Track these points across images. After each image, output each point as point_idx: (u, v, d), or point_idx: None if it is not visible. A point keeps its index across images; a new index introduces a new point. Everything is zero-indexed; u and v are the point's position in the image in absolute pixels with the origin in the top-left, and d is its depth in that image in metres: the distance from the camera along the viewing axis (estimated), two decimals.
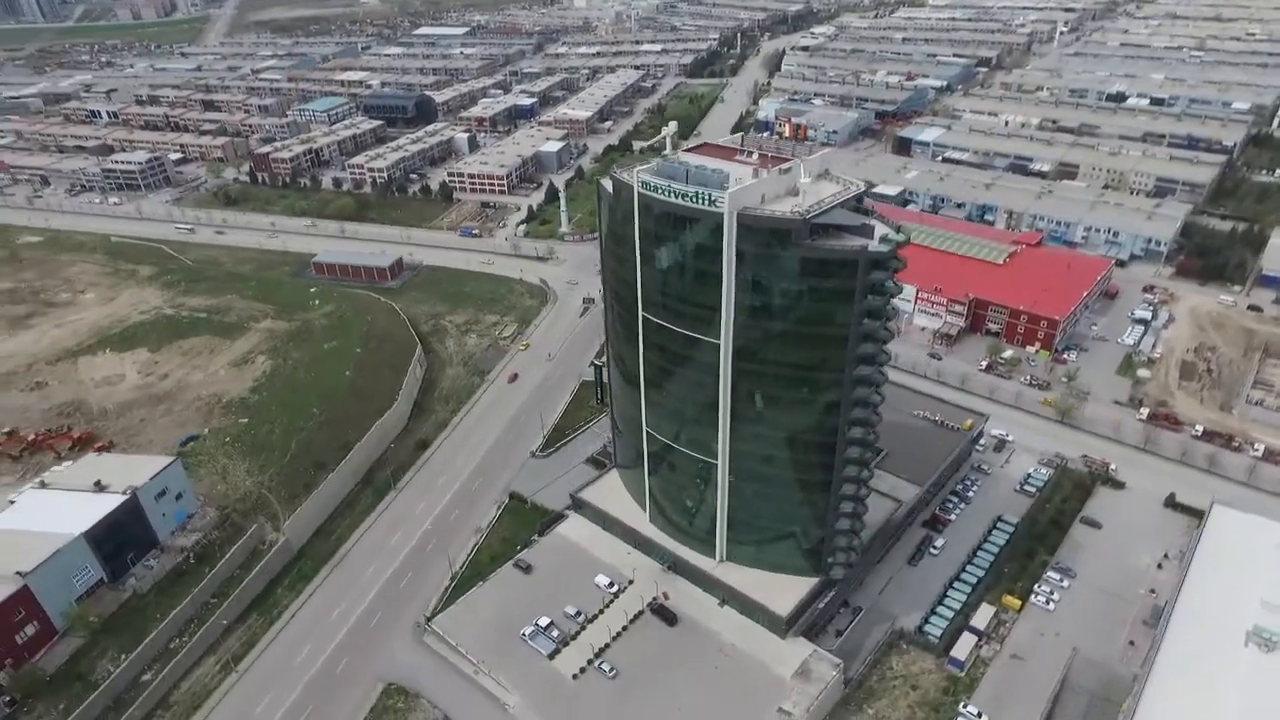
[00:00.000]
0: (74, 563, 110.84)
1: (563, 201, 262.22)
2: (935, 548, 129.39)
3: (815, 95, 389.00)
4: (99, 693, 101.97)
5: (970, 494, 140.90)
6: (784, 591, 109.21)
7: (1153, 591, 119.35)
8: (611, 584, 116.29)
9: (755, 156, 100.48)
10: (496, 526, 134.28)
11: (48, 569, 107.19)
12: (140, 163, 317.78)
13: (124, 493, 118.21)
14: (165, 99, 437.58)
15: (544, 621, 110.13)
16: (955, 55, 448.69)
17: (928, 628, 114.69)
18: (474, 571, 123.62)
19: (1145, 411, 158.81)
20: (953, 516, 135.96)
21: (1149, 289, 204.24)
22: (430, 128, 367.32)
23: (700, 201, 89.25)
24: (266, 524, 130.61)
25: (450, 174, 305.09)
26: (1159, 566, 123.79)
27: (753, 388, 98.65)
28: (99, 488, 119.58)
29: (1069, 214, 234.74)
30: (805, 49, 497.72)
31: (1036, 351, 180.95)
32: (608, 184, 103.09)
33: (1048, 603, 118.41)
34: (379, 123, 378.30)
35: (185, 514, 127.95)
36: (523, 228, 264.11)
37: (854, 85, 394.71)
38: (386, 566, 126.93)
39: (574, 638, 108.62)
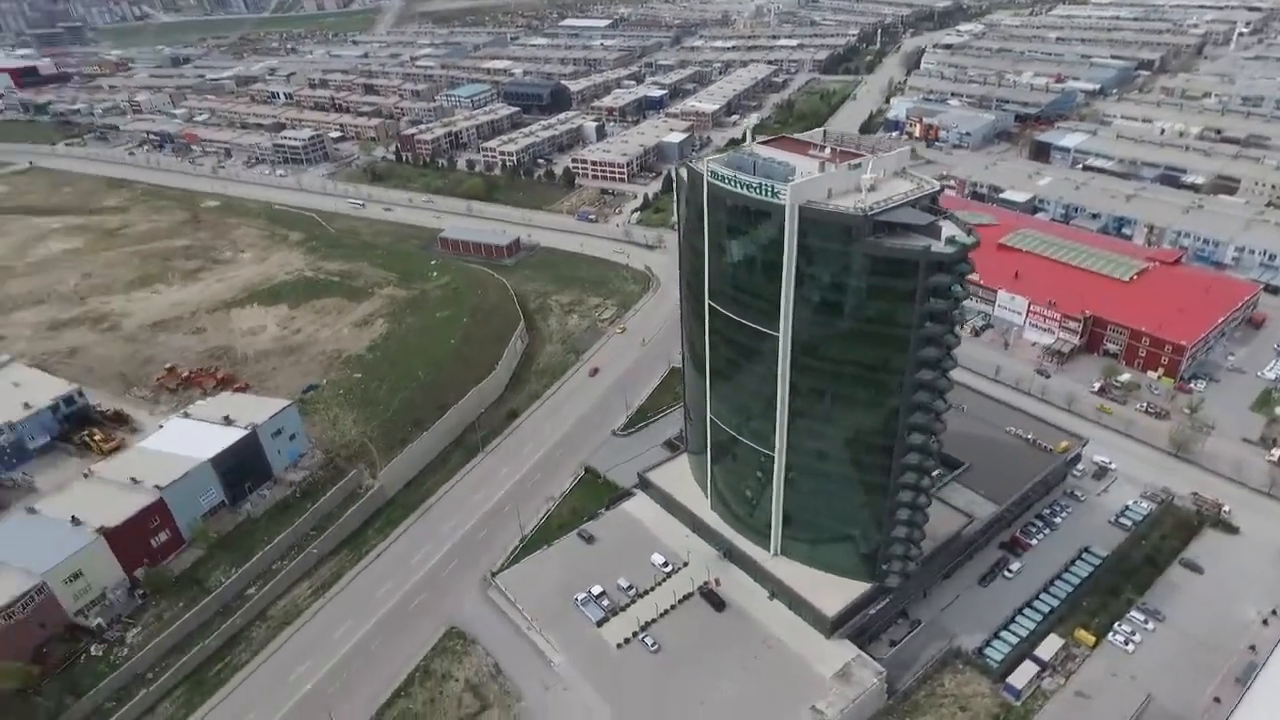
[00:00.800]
0: (201, 484, 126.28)
1: (676, 192, 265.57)
2: (1010, 571, 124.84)
3: (953, 95, 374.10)
4: (211, 598, 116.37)
5: (1058, 520, 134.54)
6: (834, 592, 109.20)
7: (1252, 648, 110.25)
8: (666, 564, 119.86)
9: (827, 151, 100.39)
10: (569, 497, 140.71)
11: (180, 486, 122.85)
12: (304, 140, 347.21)
13: (246, 428, 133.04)
14: (333, 83, 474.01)
15: (597, 590, 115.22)
16: (1113, 57, 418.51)
17: (988, 650, 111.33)
18: (542, 536, 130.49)
19: (1278, 453, 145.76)
20: (1034, 541, 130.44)
21: None
22: (562, 116, 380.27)
23: (763, 193, 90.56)
24: (365, 470, 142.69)
25: (574, 160, 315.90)
26: (1264, 622, 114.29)
27: (811, 384, 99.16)
28: (227, 422, 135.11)
29: (1219, 232, 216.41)
30: (948, 47, 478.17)
31: (1158, 378, 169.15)
32: (684, 173, 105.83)
33: (1126, 643, 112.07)
34: (515, 109, 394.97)
35: (298, 453, 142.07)
36: (636, 215, 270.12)
37: (995, 86, 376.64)
38: (465, 521, 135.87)
39: (623, 609, 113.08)
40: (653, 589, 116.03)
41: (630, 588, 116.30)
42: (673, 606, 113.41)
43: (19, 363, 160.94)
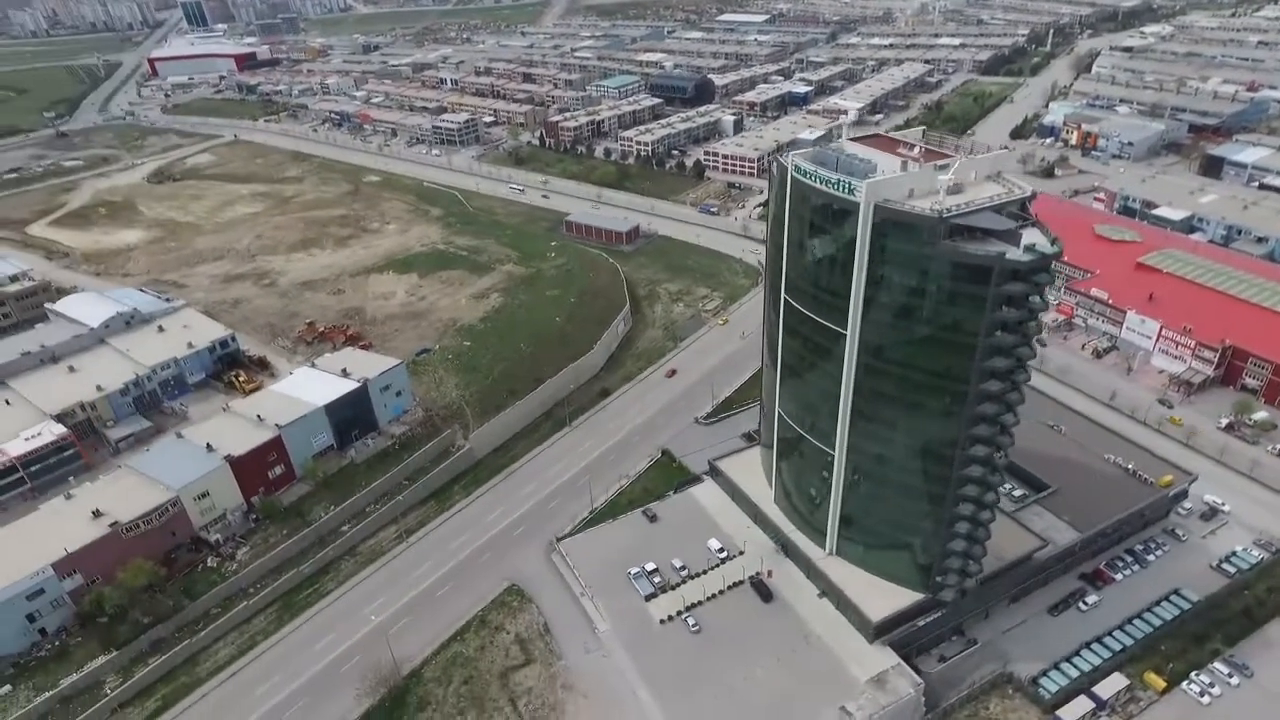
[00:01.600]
0: (315, 426, 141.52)
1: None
2: (1085, 603, 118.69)
3: (1121, 101, 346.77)
4: (310, 529, 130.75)
5: (1151, 558, 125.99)
6: (883, 598, 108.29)
7: None
8: (722, 550, 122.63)
9: (915, 151, 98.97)
10: (642, 476, 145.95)
11: (296, 427, 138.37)
12: (459, 123, 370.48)
13: (358, 381, 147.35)
14: (495, 71, 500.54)
15: (650, 567, 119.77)
16: None
17: (1043, 680, 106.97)
18: (610, 510, 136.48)
19: None
20: (1119, 576, 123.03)
21: None
22: (702, 108, 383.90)
23: (840, 189, 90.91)
24: (459, 431, 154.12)
25: (706, 153, 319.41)
26: None
27: (875, 385, 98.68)
28: (344, 374, 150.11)
29: None
30: (1127, 49, 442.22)
31: None
32: (774, 167, 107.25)
33: (1202, 694, 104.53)
34: (659, 101, 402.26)
35: (402, 409, 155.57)
36: (759, 210, 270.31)
37: (1173, 93, 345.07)
38: (543, 489, 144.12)
39: (672, 588, 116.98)
40: (704, 572, 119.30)
41: (683, 568, 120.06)
42: (721, 592, 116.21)
43: (190, 309, 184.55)
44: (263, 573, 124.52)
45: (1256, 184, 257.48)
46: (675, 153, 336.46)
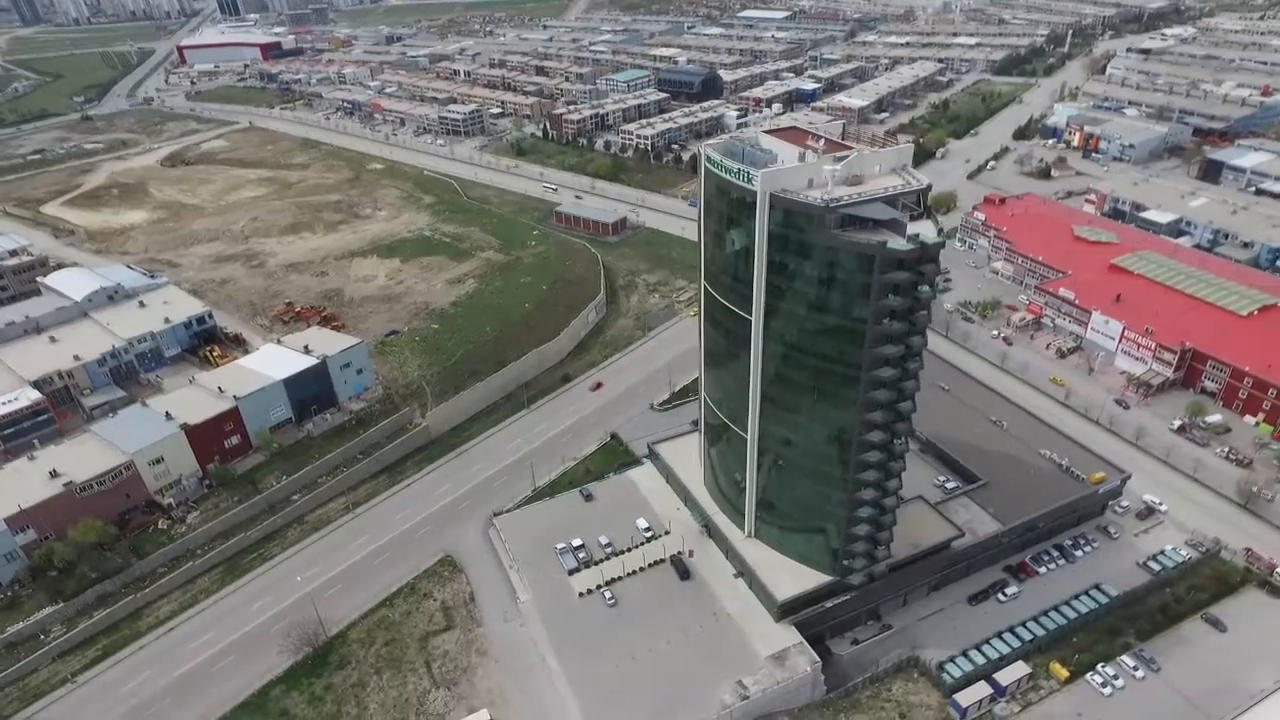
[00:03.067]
0: (272, 400, 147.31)
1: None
2: (1005, 594, 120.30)
3: (1130, 104, 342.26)
4: (260, 497, 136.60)
5: (1079, 553, 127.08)
6: (792, 579, 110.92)
7: None
8: (649, 529, 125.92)
9: (821, 143, 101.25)
10: (589, 458, 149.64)
11: (253, 399, 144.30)
12: (464, 114, 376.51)
13: (318, 358, 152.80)
14: (510, 63, 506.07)
15: (577, 543, 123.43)
16: None
17: (949, 666, 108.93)
18: (552, 489, 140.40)
19: None
20: (1043, 570, 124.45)
21: None
22: (706, 104, 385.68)
23: (740, 178, 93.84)
24: (417, 409, 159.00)
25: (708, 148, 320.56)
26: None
27: (778, 370, 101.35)
28: (306, 351, 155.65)
29: None
30: (1145, 51, 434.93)
31: (1257, 424, 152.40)
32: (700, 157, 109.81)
33: (1105, 685, 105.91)
34: (665, 95, 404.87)
35: (363, 386, 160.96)
36: None
37: (1182, 96, 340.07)
38: (492, 468, 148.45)
39: (596, 563, 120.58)
40: (629, 550, 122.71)
41: (609, 546, 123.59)
42: (642, 568, 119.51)
43: (173, 286, 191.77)
44: (211, 536, 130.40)
45: (1254, 188, 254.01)
46: (675, 147, 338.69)
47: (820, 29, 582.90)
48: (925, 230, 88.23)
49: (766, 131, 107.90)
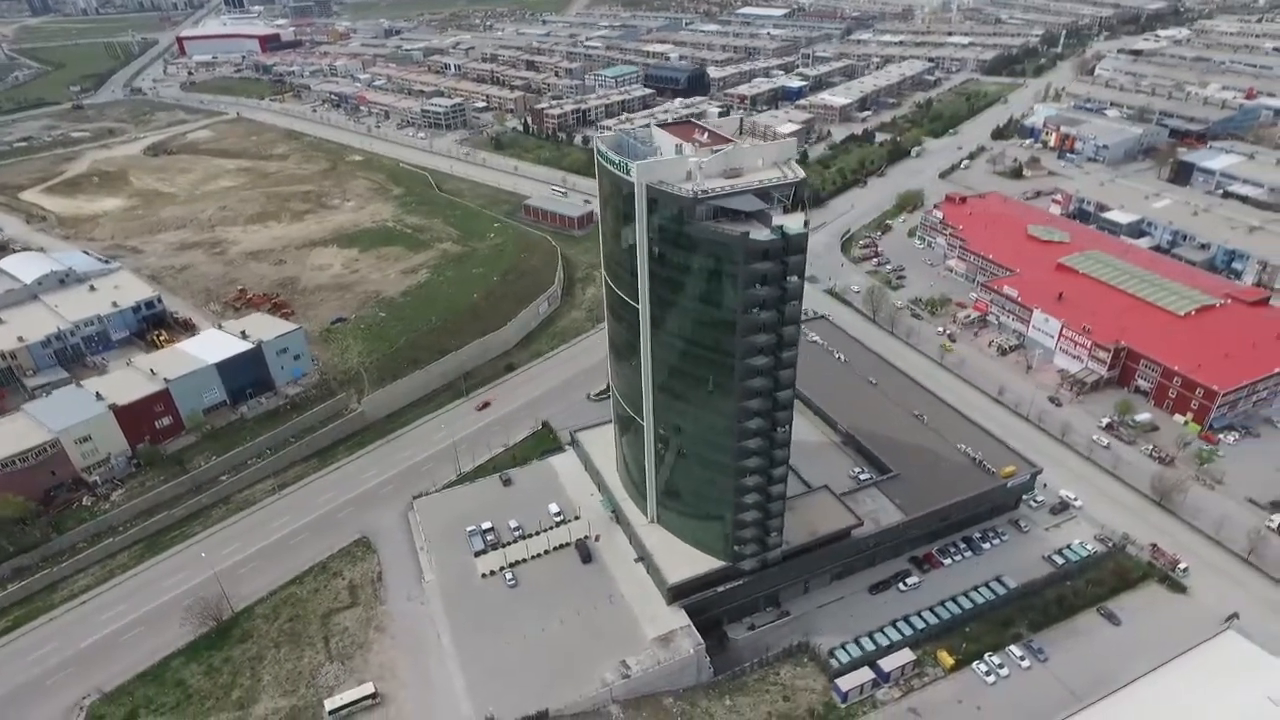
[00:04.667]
0: (205, 383, 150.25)
1: None
2: (905, 584, 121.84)
3: (1111, 105, 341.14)
4: (186, 477, 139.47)
5: (986, 546, 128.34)
6: (686, 564, 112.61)
7: None
8: (560, 514, 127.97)
9: (706, 136, 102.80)
10: (518, 445, 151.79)
11: (185, 381, 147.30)
12: (446, 107, 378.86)
13: (253, 343, 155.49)
14: (501, 58, 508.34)
15: (486, 526, 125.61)
16: None
17: (839, 652, 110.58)
18: (476, 474, 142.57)
19: (1278, 520, 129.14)
20: (948, 561, 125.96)
21: None
22: (689, 100, 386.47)
23: (621, 170, 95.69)
24: (354, 395, 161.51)
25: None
26: None
27: (664, 359, 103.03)
28: (243, 336, 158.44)
29: None
30: (1136, 53, 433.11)
31: (1185, 423, 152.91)
32: None
33: (990, 674, 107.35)
34: (650, 91, 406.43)
35: (301, 371, 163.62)
36: None
37: (1163, 98, 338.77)
38: (421, 453, 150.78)
39: (503, 546, 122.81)
40: (536, 534, 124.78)
41: (518, 529, 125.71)
42: (546, 552, 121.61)
43: (126, 271, 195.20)
44: (135, 514, 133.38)
45: (1221, 191, 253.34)
46: None
47: (817, 27, 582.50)
48: (790, 222, 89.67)
49: (660, 125, 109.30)
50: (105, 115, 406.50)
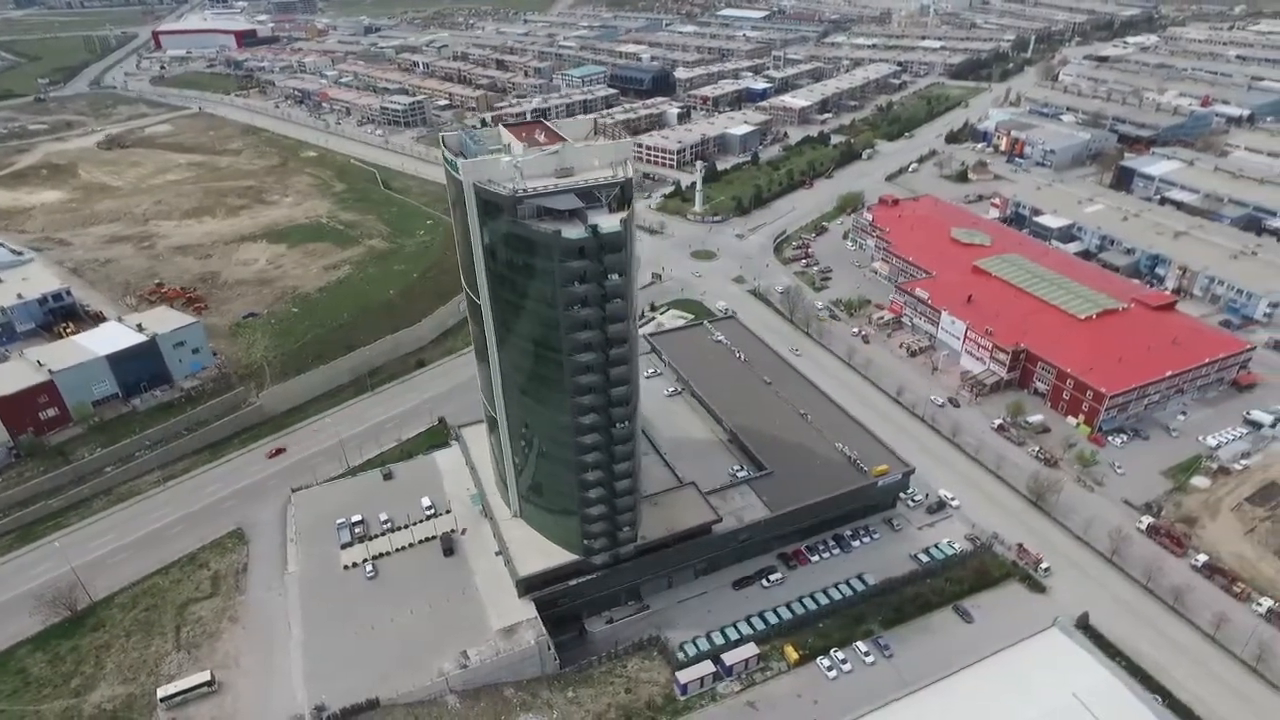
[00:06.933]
0: (94, 375, 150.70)
1: (698, 182, 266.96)
2: (769, 580, 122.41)
3: (1068, 110, 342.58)
4: (68, 468, 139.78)
5: (856, 544, 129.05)
6: (539, 558, 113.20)
7: None
8: (431, 508, 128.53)
9: (541, 137, 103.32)
10: (411, 440, 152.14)
11: (72, 373, 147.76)
12: (405, 104, 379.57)
13: (148, 336, 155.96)
14: (471, 56, 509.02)
15: (356, 519, 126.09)
16: None
17: (687, 645, 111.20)
18: (366, 467, 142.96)
19: (1147, 521, 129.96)
20: (815, 558, 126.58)
21: None
22: (649, 101, 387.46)
23: (452, 169, 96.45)
24: (254, 389, 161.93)
25: (632, 143, 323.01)
26: None
27: (509, 358, 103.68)
28: (139, 329, 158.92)
29: (1258, 284, 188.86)
30: (1104, 58, 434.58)
31: (1077, 426, 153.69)
32: None
33: (832, 669, 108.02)
34: (614, 91, 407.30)
35: (200, 365, 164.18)
36: (659, 201, 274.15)
37: (1118, 104, 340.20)
38: (314, 447, 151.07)
39: (369, 539, 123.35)
40: (404, 527, 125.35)
41: (387, 522, 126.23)
42: (411, 545, 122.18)
43: (38, 264, 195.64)
44: (9, 504, 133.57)
45: (1159, 196, 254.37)
46: None
47: (794, 30, 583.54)
48: (606, 221, 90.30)
49: (506, 125, 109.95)
50: (66, 108, 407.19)
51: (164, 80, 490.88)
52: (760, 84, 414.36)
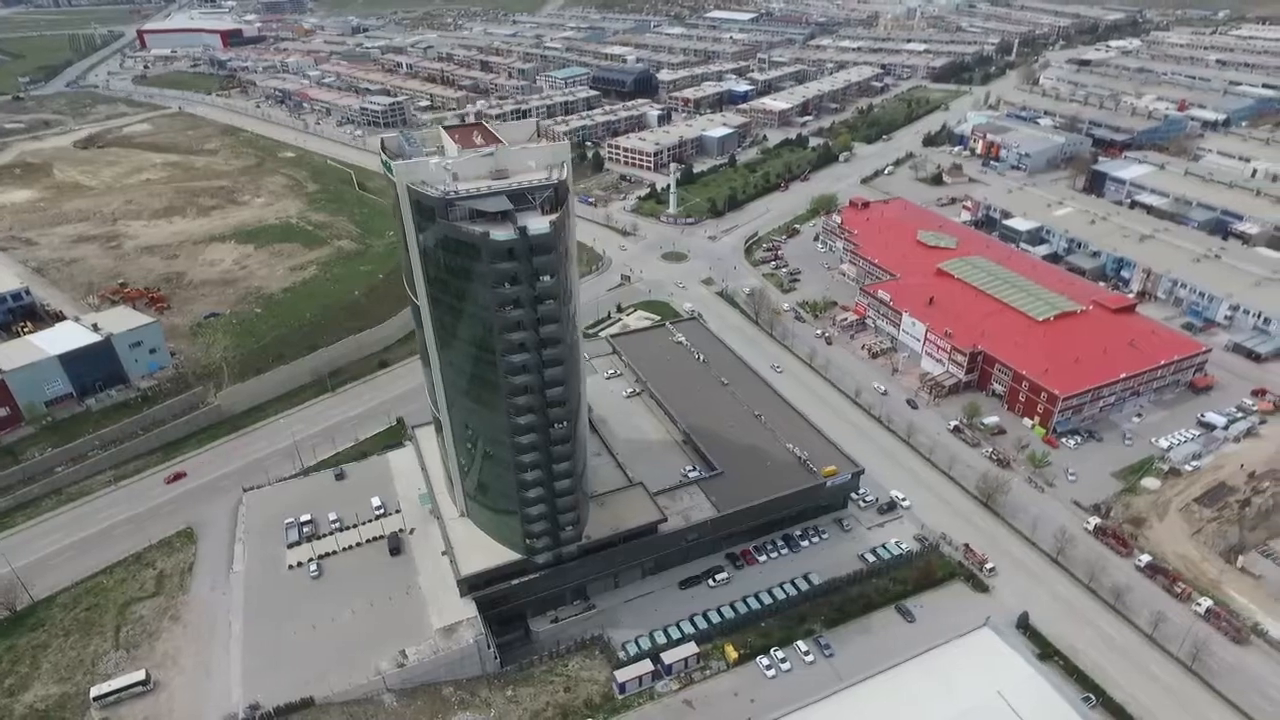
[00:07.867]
0: (47, 374, 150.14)
1: (672, 185, 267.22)
2: (715, 580, 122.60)
3: (1045, 113, 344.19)
4: (17, 468, 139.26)
5: (805, 543, 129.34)
6: (482, 556, 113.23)
7: None
8: (380, 507, 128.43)
9: (478, 139, 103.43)
10: (369, 440, 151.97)
11: (23, 372, 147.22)
12: (384, 105, 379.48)
13: (102, 336, 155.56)
14: (456, 58, 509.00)
15: (305, 518, 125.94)
16: (1265, 85, 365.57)
17: (629, 644, 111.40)
18: (321, 467, 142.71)
19: (1094, 522, 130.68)
20: (763, 559, 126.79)
21: (1259, 392, 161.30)
22: (630, 103, 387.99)
23: (387, 170, 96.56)
24: (212, 389, 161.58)
25: (609, 145, 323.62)
26: None
27: (448, 358, 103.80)
28: (94, 329, 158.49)
29: (1219, 287, 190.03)
30: (1086, 62, 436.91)
31: (1033, 427, 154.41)
32: None
33: (770, 667, 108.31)
34: (596, 93, 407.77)
35: (158, 365, 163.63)
36: (634, 203, 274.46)
37: (1095, 108, 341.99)
38: (271, 447, 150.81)
39: (317, 538, 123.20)
40: (353, 526, 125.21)
41: (336, 522, 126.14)
42: (358, 544, 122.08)
43: (1, 262, 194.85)
44: None
45: (1129, 200, 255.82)
46: (590, 144, 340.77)
47: (781, 32, 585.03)
48: (536, 223, 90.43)
49: (447, 127, 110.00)
50: (44, 107, 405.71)
51: (146, 80, 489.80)
52: (743, 86, 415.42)
